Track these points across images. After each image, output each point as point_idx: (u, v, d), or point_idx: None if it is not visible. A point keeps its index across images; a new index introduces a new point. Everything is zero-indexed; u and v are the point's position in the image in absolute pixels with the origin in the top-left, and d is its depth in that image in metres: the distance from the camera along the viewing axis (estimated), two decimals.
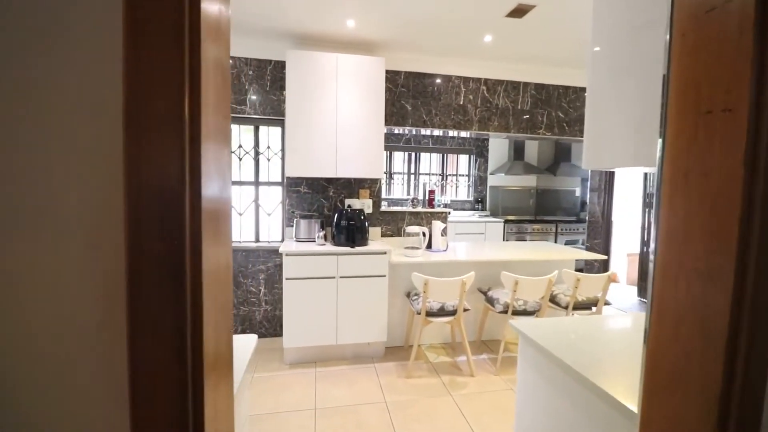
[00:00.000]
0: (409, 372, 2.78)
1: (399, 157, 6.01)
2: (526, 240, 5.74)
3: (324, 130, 2.96)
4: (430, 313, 2.73)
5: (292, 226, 3.19)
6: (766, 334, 0.50)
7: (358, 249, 2.86)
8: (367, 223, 3.03)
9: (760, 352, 0.50)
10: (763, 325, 0.50)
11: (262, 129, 3.33)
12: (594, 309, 3.08)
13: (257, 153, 3.33)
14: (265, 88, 3.19)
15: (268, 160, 3.33)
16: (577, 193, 6.30)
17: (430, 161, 6.10)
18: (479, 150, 6.11)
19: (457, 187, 6.22)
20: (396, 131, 4.02)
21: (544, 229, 5.87)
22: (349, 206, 3.30)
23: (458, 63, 3.47)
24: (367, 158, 3.06)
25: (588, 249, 5.54)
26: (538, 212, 6.40)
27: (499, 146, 6.16)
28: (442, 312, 2.74)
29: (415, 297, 2.87)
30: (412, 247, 3.08)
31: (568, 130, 3.80)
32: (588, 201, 5.56)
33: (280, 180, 3.34)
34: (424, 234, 3.16)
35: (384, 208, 3.50)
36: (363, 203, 3.36)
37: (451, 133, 3.80)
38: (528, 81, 3.68)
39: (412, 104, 3.45)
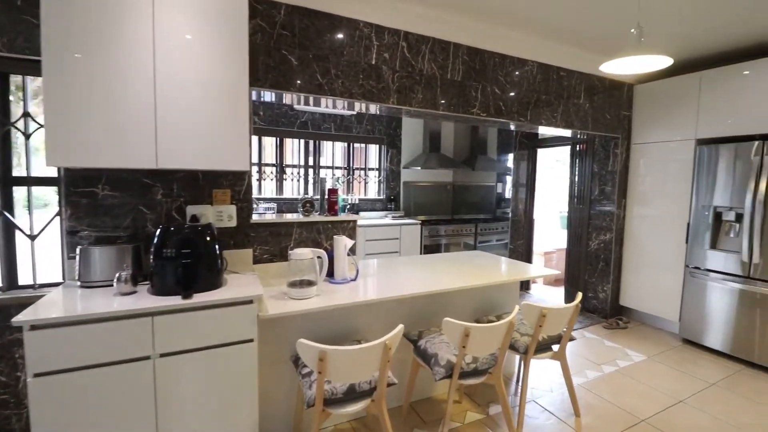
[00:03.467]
0: None
1: (293, 145, 4.71)
2: (441, 243, 4.98)
3: (128, 83, 1.59)
4: (331, 401, 1.60)
5: (75, 257, 1.74)
6: None
7: (199, 300, 1.57)
8: (217, 248, 1.74)
9: None
10: None
11: (15, 81, 1.80)
12: (556, 348, 2.29)
13: (3, 125, 1.78)
14: (14, 4, 1.68)
15: (27, 137, 1.81)
16: (499, 189, 5.78)
17: (333, 152, 4.94)
18: (391, 139, 5.15)
19: (366, 183, 5.18)
20: (285, 101, 2.77)
21: (462, 230, 5.17)
22: (193, 217, 1.97)
23: (369, 1, 2.37)
24: (221, 138, 1.78)
25: (512, 252, 5.00)
26: (455, 211, 5.72)
27: (413, 134, 5.29)
28: (351, 396, 1.63)
29: (307, 373, 1.70)
30: (302, 282, 1.90)
31: (504, 111, 2.99)
32: (512, 198, 5.00)
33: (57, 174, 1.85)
34: (320, 258, 2.01)
35: (260, 216, 2.24)
36: (221, 212, 2.07)
37: (361, 107, 2.69)
38: (459, 42, 2.75)
39: (300, 57, 2.25)
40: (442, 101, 2.72)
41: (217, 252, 1.73)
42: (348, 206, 4.64)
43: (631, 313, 3.91)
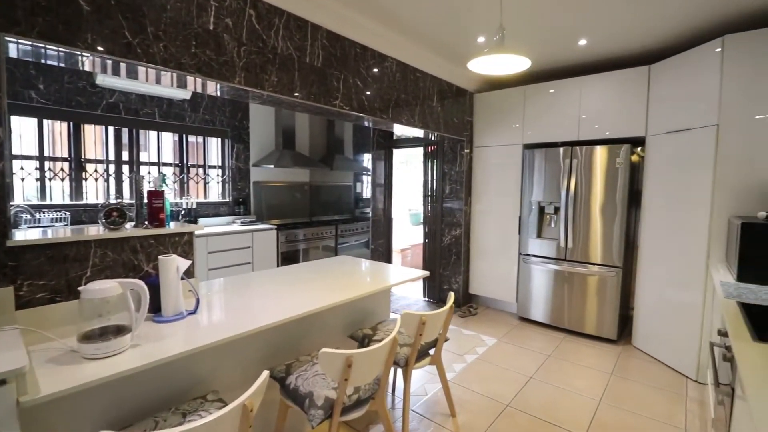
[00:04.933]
0: None
1: (96, 134, 3.57)
2: (299, 248, 4.61)
3: None
4: None
5: None
6: None
7: None
8: None
9: None
10: None
11: None
12: (432, 352, 2.21)
13: None
14: None
15: None
16: (357, 188, 5.69)
17: (159, 145, 3.97)
18: (237, 132, 4.47)
19: (206, 183, 4.36)
20: (85, 66, 1.99)
21: (321, 233, 4.91)
22: None
23: None
24: None
25: (373, 252, 4.96)
26: (313, 212, 5.40)
27: (263, 128, 4.71)
28: None
29: None
30: (105, 331, 1.27)
31: (367, 106, 2.82)
32: (371, 198, 4.96)
33: None
34: (135, 291, 1.40)
35: (45, 233, 1.46)
36: None
37: (196, 86, 2.09)
38: (318, 23, 2.43)
39: (95, 1, 1.56)
40: (302, 89, 2.35)
41: None
42: (182, 212, 3.78)
43: (479, 299, 4.31)
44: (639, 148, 3.32)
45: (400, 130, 3.60)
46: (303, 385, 1.60)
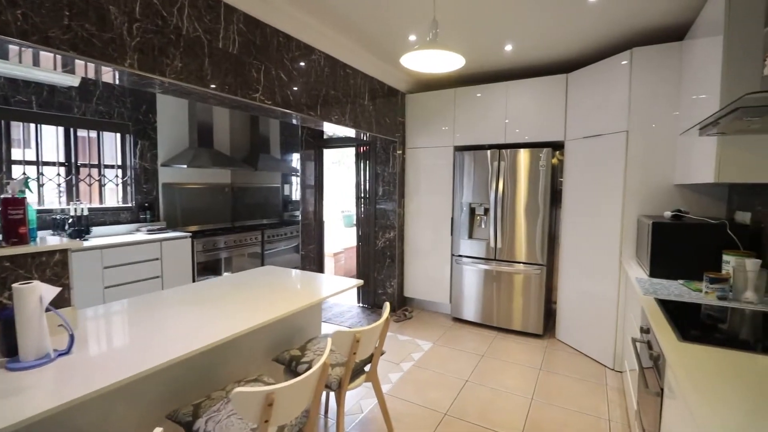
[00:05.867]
0: None
1: None
2: (220, 257, 4.21)
3: None
4: None
5: None
6: None
7: None
8: None
9: None
10: None
11: None
12: (368, 368, 2.05)
13: None
14: None
15: None
16: (286, 190, 5.34)
17: (38, 140, 3.30)
18: (141, 127, 3.90)
19: (102, 186, 3.74)
20: None
21: (246, 239, 4.53)
22: None
23: None
24: None
25: (303, 258, 4.68)
26: (236, 217, 4.96)
27: (174, 124, 4.19)
28: None
29: None
30: None
31: (293, 102, 2.58)
32: (301, 200, 4.67)
33: None
34: None
35: None
36: None
37: (86, 71, 1.69)
38: (234, 5, 2.14)
39: None
40: (214, 78, 2.04)
41: None
42: (69, 221, 3.17)
43: (413, 302, 4.27)
44: (558, 152, 3.51)
45: (330, 129, 3.40)
46: (215, 430, 1.34)
